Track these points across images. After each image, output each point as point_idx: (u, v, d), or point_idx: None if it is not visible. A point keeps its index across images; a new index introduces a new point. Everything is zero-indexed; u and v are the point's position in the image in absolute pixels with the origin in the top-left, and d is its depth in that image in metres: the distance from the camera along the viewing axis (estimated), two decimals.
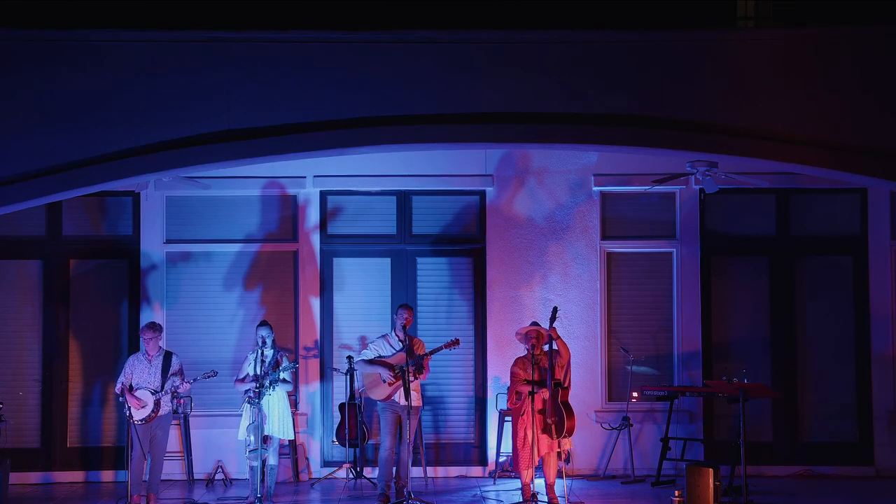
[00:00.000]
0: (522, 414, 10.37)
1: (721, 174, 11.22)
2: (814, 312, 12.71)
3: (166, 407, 10.61)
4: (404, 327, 10.64)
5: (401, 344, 10.63)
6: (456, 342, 10.59)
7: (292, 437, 11.19)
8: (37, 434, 12.39)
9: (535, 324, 10.63)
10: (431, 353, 10.59)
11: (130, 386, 10.48)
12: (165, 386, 10.51)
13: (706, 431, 12.50)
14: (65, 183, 9.79)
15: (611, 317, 12.69)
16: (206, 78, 9.86)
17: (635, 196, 12.68)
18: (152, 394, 10.43)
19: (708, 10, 11.47)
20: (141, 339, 10.76)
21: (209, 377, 10.73)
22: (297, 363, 11.46)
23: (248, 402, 10.63)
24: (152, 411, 10.42)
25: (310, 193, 12.57)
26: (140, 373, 10.55)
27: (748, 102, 9.95)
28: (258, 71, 9.90)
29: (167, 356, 10.66)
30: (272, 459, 10.78)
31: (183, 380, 10.59)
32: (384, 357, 10.68)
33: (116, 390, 10.64)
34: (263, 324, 10.92)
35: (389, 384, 10.55)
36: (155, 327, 10.69)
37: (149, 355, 10.63)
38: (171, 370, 10.58)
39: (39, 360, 12.41)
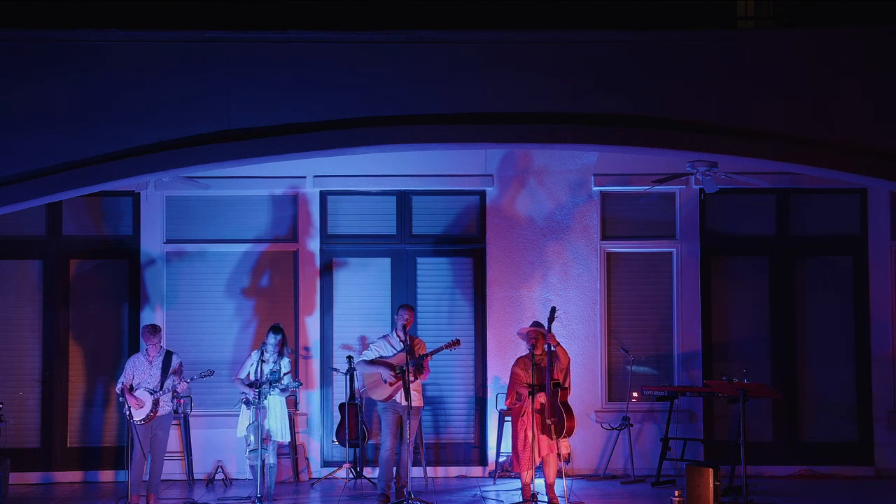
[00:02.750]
0: (523, 415, 10.38)
1: (721, 174, 11.22)
2: (814, 312, 12.71)
3: (166, 406, 10.61)
4: (405, 328, 10.61)
5: (401, 344, 10.61)
6: (456, 342, 10.57)
7: (289, 440, 11.27)
8: (37, 434, 12.39)
9: (536, 324, 10.63)
10: (432, 353, 10.57)
11: (131, 386, 10.49)
12: (165, 385, 10.53)
13: (706, 431, 12.50)
14: (65, 183, 9.78)
15: (611, 317, 12.69)
16: (206, 78, 9.86)
17: (635, 196, 12.68)
18: (151, 393, 10.44)
19: (708, 10, 11.45)
20: (141, 340, 10.80)
21: (206, 376, 10.77)
22: (301, 384, 11.46)
23: (245, 405, 10.74)
24: (151, 411, 10.41)
25: (310, 193, 12.57)
26: (141, 373, 10.56)
27: (748, 102, 9.94)
28: (258, 71, 9.89)
29: (167, 355, 10.67)
30: (271, 458, 10.85)
31: (181, 379, 10.62)
32: (385, 357, 10.69)
33: (117, 390, 10.65)
34: (273, 329, 11.03)
35: (390, 384, 10.56)
36: (155, 329, 10.71)
37: (149, 355, 10.65)
38: (171, 369, 10.60)
39: (39, 360, 12.41)
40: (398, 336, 10.69)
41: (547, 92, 9.94)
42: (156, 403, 10.43)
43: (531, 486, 10.41)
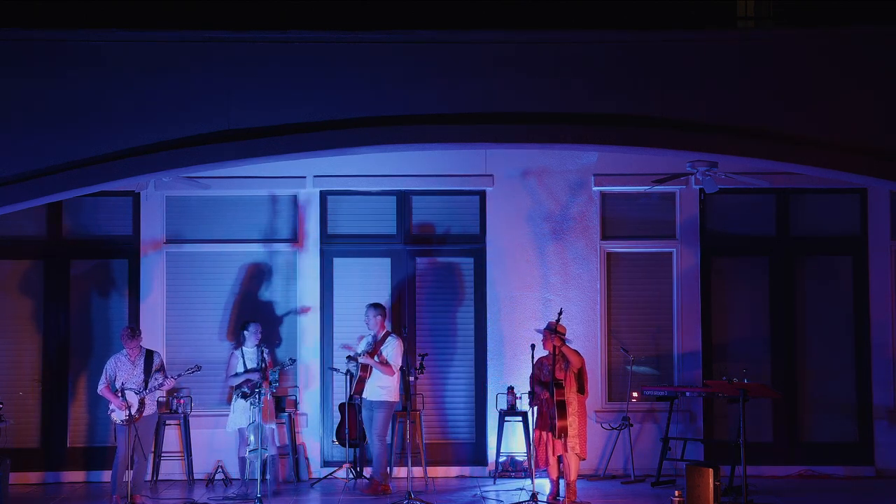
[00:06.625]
0: (538, 414, 10.55)
1: (721, 174, 11.22)
2: (814, 312, 12.71)
3: (151, 407, 10.59)
4: (377, 326, 11.37)
5: (368, 344, 11.36)
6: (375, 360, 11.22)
7: (240, 427, 11.26)
8: (37, 434, 12.39)
9: (548, 326, 10.65)
10: (357, 357, 11.27)
11: (114, 386, 10.48)
12: (150, 384, 10.52)
13: (706, 431, 12.50)
14: (65, 183, 9.79)
15: (611, 317, 12.69)
16: (206, 78, 9.86)
17: (635, 196, 12.68)
18: (136, 393, 10.44)
19: (708, 10, 11.44)
20: (122, 343, 10.80)
21: (192, 372, 10.80)
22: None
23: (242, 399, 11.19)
24: (137, 411, 10.39)
25: (310, 193, 12.57)
26: (124, 373, 10.55)
27: (747, 102, 9.94)
28: (258, 71, 9.90)
29: (149, 355, 10.72)
30: (270, 450, 11.15)
31: (166, 376, 10.62)
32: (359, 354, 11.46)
33: (99, 391, 10.67)
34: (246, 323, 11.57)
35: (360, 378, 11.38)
36: (133, 332, 10.71)
37: (131, 356, 10.66)
38: (154, 366, 10.61)
39: (39, 360, 12.42)
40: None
41: (547, 92, 9.94)
42: (141, 403, 10.42)
43: (534, 485, 10.47)
